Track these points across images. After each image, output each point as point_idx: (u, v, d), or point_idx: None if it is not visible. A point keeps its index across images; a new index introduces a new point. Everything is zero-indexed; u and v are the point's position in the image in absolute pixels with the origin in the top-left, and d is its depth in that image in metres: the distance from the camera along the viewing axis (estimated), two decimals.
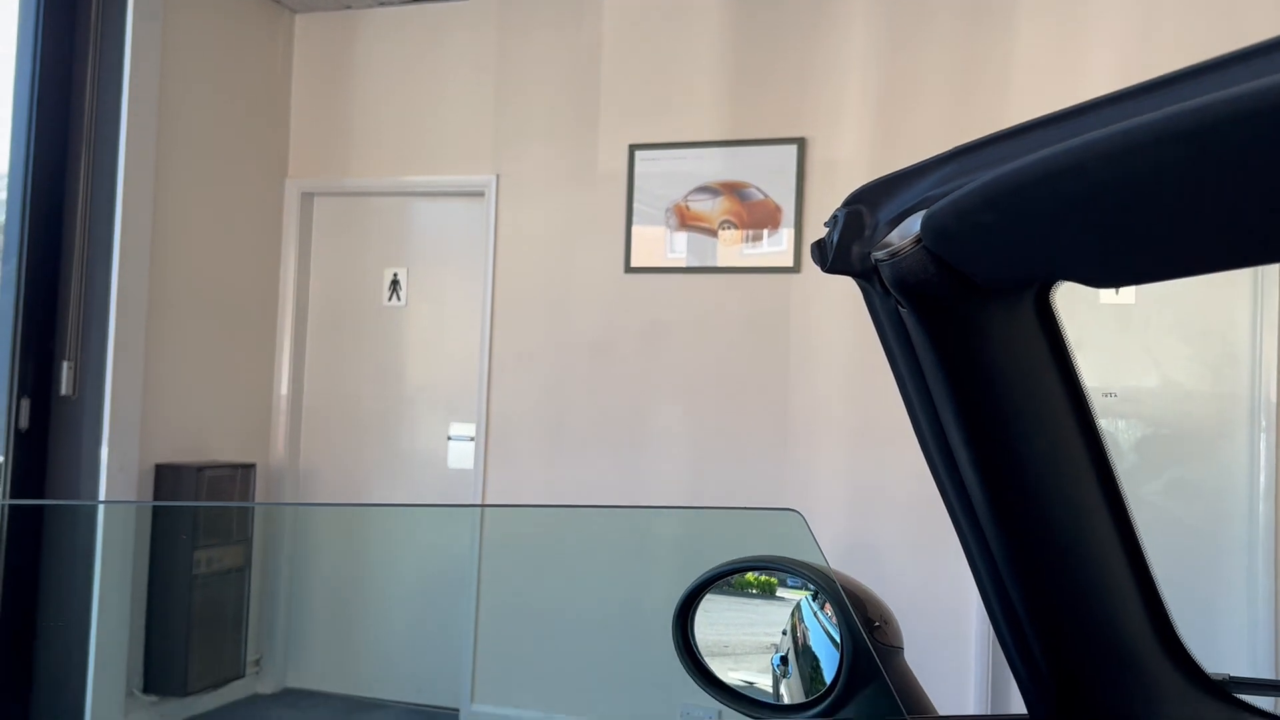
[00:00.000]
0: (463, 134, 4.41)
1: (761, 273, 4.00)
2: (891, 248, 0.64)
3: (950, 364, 0.69)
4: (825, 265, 0.68)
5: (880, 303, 0.70)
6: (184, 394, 4.06)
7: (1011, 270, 0.63)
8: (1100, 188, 0.49)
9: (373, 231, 4.65)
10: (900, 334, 0.70)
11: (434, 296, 4.57)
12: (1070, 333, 0.74)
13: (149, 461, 3.86)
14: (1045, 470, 0.75)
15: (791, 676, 1.17)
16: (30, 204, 3.60)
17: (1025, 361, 0.70)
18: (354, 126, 4.56)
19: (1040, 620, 0.81)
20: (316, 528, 4.60)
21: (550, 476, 4.19)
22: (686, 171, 4.08)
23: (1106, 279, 0.59)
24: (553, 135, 4.28)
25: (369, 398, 4.60)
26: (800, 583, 1.19)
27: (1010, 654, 0.86)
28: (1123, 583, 0.82)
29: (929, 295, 0.64)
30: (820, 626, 1.14)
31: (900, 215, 0.64)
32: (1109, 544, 0.80)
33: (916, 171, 0.65)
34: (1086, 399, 0.75)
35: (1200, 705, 0.86)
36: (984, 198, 0.56)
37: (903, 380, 0.74)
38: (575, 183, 4.24)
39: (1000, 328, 0.67)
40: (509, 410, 4.28)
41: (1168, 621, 0.85)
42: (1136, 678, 0.84)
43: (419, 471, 4.52)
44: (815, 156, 3.96)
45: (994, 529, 0.77)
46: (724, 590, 1.18)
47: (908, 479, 3.72)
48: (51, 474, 3.66)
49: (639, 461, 4.10)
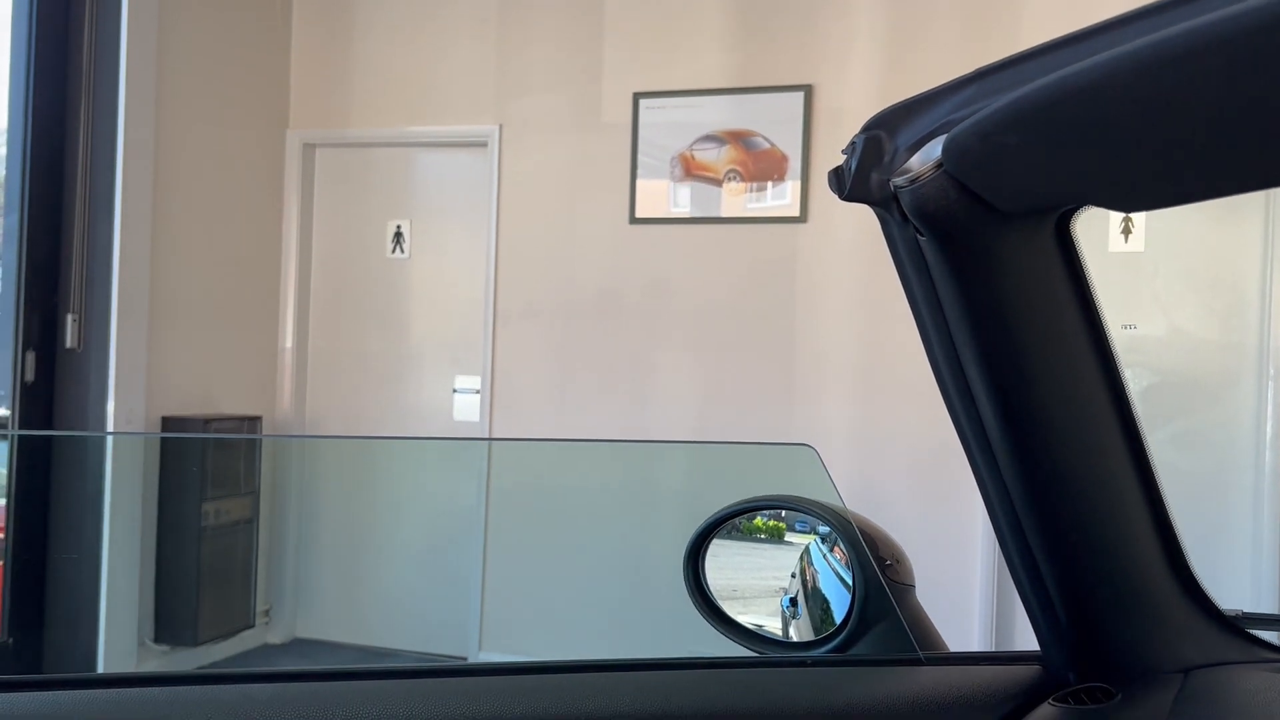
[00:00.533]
0: (465, 83, 4.36)
1: (767, 223, 3.97)
2: (912, 173, 0.62)
3: (969, 294, 0.67)
4: (843, 193, 0.67)
5: (899, 232, 0.68)
6: (189, 347, 4.06)
7: (1035, 194, 0.62)
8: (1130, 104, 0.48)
9: (375, 183, 4.62)
10: (919, 264, 0.69)
11: (438, 248, 4.55)
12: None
13: (155, 414, 3.87)
14: (1064, 404, 0.74)
15: (801, 617, 1.18)
16: (31, 158, 3.57)
17: (1046, 291, 0.69)
18: (355, 76, 4.51)
19: (1056, 558, 0.81)
20: (324, 480, 4.62)
21: (555, 429, 4.20)
22: (691, 120, 4.04)
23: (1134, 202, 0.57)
24: (556, 83, 4.23)
25: (374, 351, 4.59)
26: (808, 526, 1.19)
27: (1024, 592, 0.86)
28: (1139, 519, 0.82)
29: (949, 223, 0.63)
30: (830, 568, 1.14)
31: (921, 140, 0.63)
32: (1126, 480, 0.79)
33: (937, 95, 0.63)
34: (1106, 331, 0.74)
35: (1215, 641, 0.86)
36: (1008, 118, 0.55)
37: (920, 313, 0.73)
38: (579, 132, 4.20)
39: (1021, 256, 0.66)
40: (514, 362, 4.27)
41: (1183, 558, 0.85)
42: (1152, 614, 0.84)
43: (424, 424, 4.53)
44: (822, 104, 3.91)
45: (1011, 464, 0.76)
46: (732, 535, 1.18)
47: (913, 426, 3.72)
48: (58, 427, 3.67)
49: (645, 413, 4.10)
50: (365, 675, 0.88)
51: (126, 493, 3.73)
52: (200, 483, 3.89)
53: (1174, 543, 0.84)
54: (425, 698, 0.83)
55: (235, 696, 0.81)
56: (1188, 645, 0.85)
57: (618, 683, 0.87)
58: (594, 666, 0.90)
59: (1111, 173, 0.55)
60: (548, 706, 0.83)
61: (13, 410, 3.53)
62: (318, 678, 0.86)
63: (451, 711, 0.81)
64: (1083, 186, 0.59)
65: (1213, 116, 0.46)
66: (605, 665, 0.90)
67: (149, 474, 3.87)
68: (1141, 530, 0.82)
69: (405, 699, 0.82)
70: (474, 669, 0.90)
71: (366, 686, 0.85)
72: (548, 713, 0.83)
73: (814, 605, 1.17)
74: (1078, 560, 0.81)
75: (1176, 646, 0.85)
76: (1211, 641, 0.86)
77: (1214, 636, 0.86)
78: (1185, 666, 0.84)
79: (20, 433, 3.56)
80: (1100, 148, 0.52)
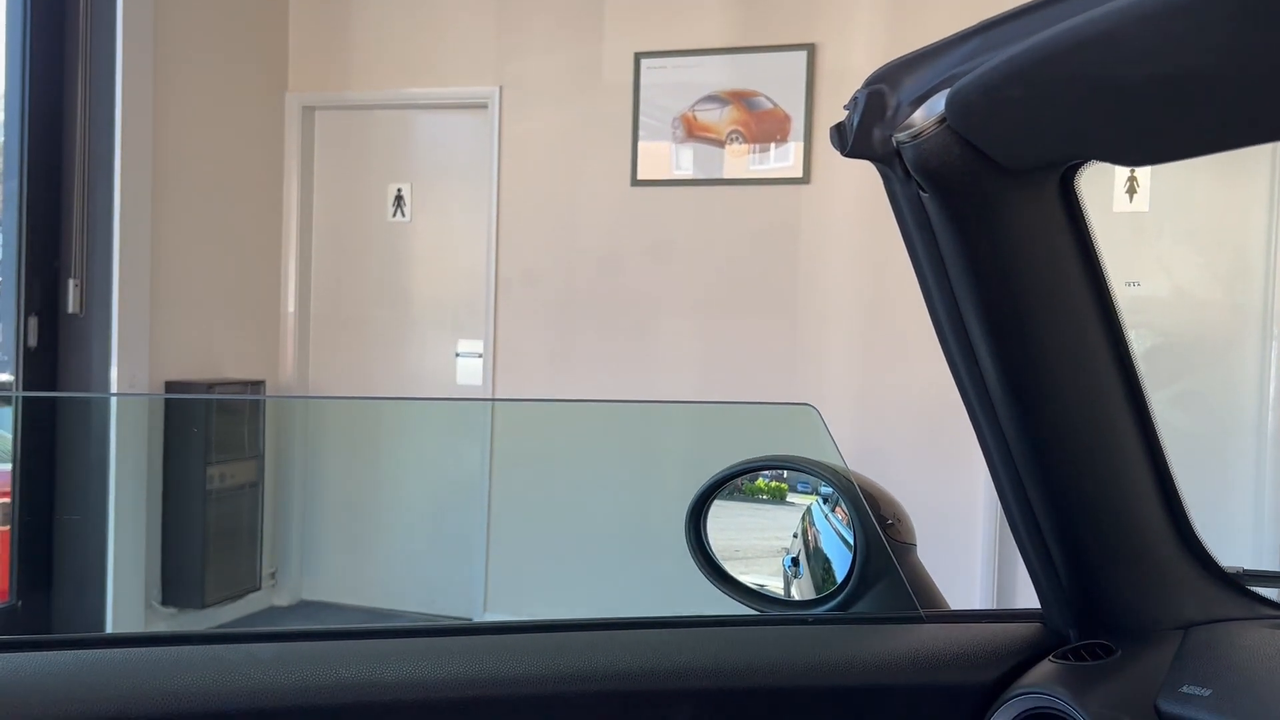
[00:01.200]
0: (465, 44, 4.32)
1: (770, 184, 3.95)
2: (914, 128, 0.61)
3: (972, 250, 0.67)
4: (845, 149, 0.66)
5: (901, 188, 0.68)
6: (191, 311, 4.06)
7: (1039, 149, 0.61)
8: (1136, 55, 0.47)
9: (376, 146, 4.59)
10: (921, 221, 0.68)
11: (438, 212, 4.53)
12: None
13: (158, 378, 3.88)
14: (1066, 360, 0.74)
15: (803, 577, 1.18)
16: (29, 121, 3.55)
17: (1049, 247, 0.68)
18: (354, 38, 4.47)
19: (1058, 515, 0.81)
20: (329, 443, 4.64)
21: (558, 392, 4.20)
22: (693, 81, 4.00)
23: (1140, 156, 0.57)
24: (556, 44, 4.19)
25: (376, 315, 4.59)
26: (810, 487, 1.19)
27: (1025, 549, 0.86)
28: (1140, 476, 0.82)
29: (952, 178, 0.62)
30: (831, 528, 1.14)
31: (924, 95, 0.62)
32: (1128, 437, 0.79)
33: (940, 49, 0.63)
34: (1109, 288, 0.73)
35: (1214, 597, 0.86)
36: (1012, 72, 0.54)
37: (922, 270, 0.73)
38: (580, 93, 4.17)
39: (1024, 212, 0.66)
40: (516, 327, 4.27)
41: (1184, 514, 0.85)
42: (1153, 571, 0.84)
43: (427, 388, 4.54)
44: (825, 63, 3.87)
45: (1012, 421, 0.76)
46: (734, 496, 1.18)
47: (915, 387, 3.72)
48: (61, 391, 3.68)
49: (647, 376, 4.10)
50: (369, 635, 0.88)
51: (131, 456, 3.75)
52: (204, 446, 3.90)
53: (1176, 500, 0.84)
54: (429, 656, 0.83)
55: (240, 656, 0.82)
56: (1188, 602, 0.86)
57: (620, 640, 0.88)
58: (596, 625, 0.91)
59: (1117, 126, 0.54)
60: (550, 664, 0.84)
61: (16, 375, 3.53)
62: (321, 637, 0.86)
63: (455, 670, 0.82)
64: (1088, 141, 0.58)
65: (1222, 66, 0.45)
66: (607, 624, 0.91)
67: (153, 438, 3.89)
68: (1143, 487, 0.82)
69: (409, 657, 0.83)
70: (477, 628, 0.90)
71: (370, 645, 0.85)
72: (551, 670, 0.83)
73: (815, 564, 1.17)
74: (1079, 517, 0.81)
75: (1177, 603, 0.85)
76: (1212, 598, 0.86)
77: (1214, 593, 0.86)
78: (1185, 623, 0.85)
79: (24, 394, 3.57)
80: (1106, 101, 0.52)
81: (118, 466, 3.65)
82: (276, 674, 0.79)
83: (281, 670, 0.80)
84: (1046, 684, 0.80)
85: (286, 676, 0.79)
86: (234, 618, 4.20)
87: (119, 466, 3.66)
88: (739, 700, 0.84)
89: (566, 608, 4.15)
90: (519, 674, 0.82)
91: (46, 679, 0.77)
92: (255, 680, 0.78)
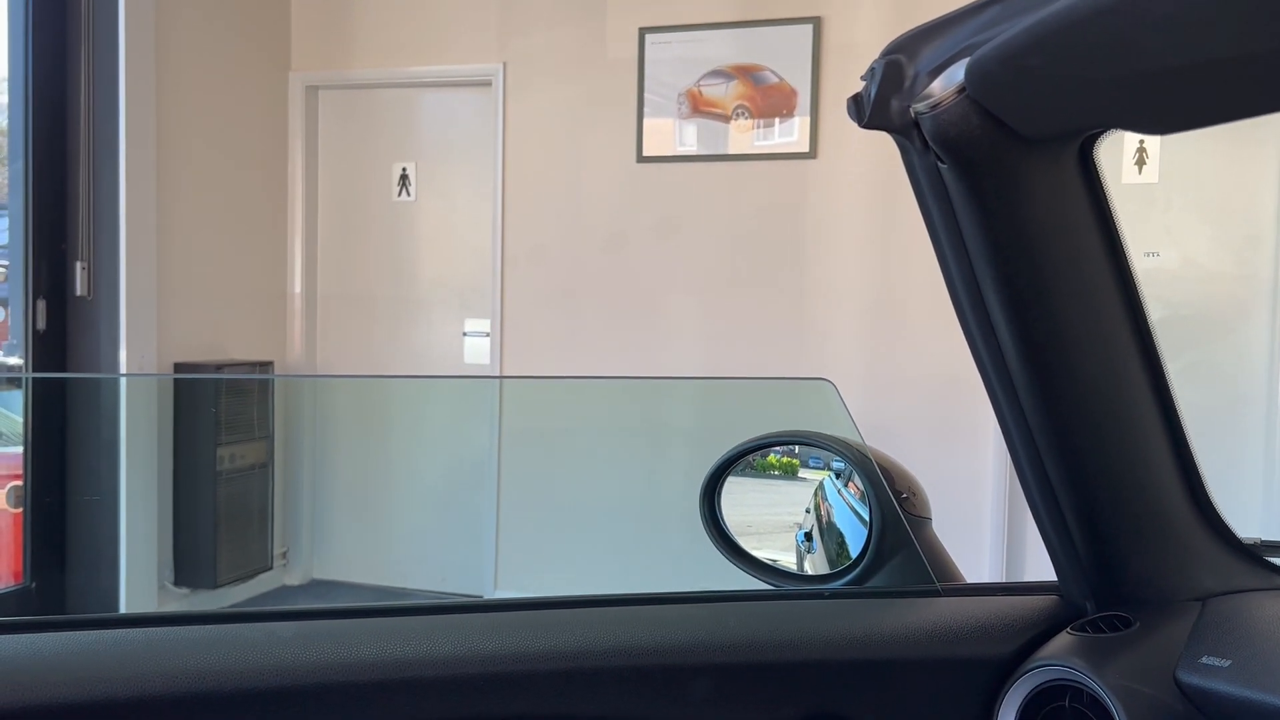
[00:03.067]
0: (468, 21, 4.29)
1: (777, 159, 3.93)
2: (933, 99, 0.61)
3: (991, 222, 0.66)
4: (862, 120, 0.65)
5: (919, 160, 0.67)
6: (199, 293, 4.06)
7: (1059, 119, 0.60)
8: (1157, 21, 0.47)
9: (380, 125, 4.57)
10: (939, 193, 0.68)
11: (444, 191, 4.52)
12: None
13: (167, 360, 3.88)
14: (1084, 333, 0.73)
15: (816, 552, 1.18)
16: (33, 105, 3.54)
17: (1068, 219, 0.67)
18: (356, 17, 4.44)
19: (1075, 488, 0.81)
20: (338, 423, 4.65)
21: (566, 370, 4.20)
22: (699, 56, 3.97)
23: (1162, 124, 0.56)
24: (560, 20, 4.16)
25: (383, 295, 4.59)
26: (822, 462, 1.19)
27: (1042, 523, 0.86)
28: (1159, 449, 0.81)
29: (971, 149, 0.62)
30: (845, 503, 1.14)
31: (942, 65, 0.61)
32: (1146, 409, 0.79)
33: (959, 17, 0.62)
34: (1128, 259, 0.73)
35: (1232, 568, 0.86)
36: (1032, 40, 0.53)
37: (940, 243, 0.72)
38: (584, 70, 4.14)
39: (1044, 183, 0.65)
40: (523, 305, 4.26)
41: (1202, 486, 0.85)
42: (1170, 543, 0.84)
43: (435, 367, 4.54)
44: (832, 37, 3.84)
45: (1030, 393, 0.76)
46: (746, 472, 1.18)
47: (925, 362, 3.71)
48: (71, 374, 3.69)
49: (655, 353, 4.10)
50: (386, 612, 0.89)
51: (142, 437, 3.76)
52: (214, 428, 3.91)
53: (1193, 472, 0.84)
54: (445, 633, 0.83)
55: (260, 634, 0.82)
56: (1205, 574, 0.85)
57: (634, 616, 0.88)
58: (610, 601, 0.91)
59: (1138, 94, 0.54)
60: (566, 640, 0.84)
61: (25, 359, 3.54)
62: (340, 615, 0.87)
63: (471, 646, 0.82)
64: (1109, 109, 0.57)
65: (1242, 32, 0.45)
66: (621, 600, 0.91)
67: (163, 419, 3.90)
68: (1161, 460, 0.82)
69: (426, 635, 0.83)
70: (491, 604, 0.91)
71: (387, 623, 0.86)
72: (566, 646, 0.83)
73: (829, 540, 1.17)
74: (1096, 490, 0.80)
75: (1194, 575, 0.85)
76: (1229, 569, 0.86)
77: (1232, 565, 0.86)
78: (1203, 595, 0.85)
79: (34, 375, 3.58)
80: (1126, 68, 0.51)
81: (128, 448, 3.66)
82: (299, 652, 0.80)
83: (303, 648, 0.80)
84: (1064, 656, 0.80)
85: (308, 654, 0.80)
86: (246, 597, 4.23)
87: (129, 448, 3.67)
88: (757, 674, 0.84)
89: (578, 585, 4.17)
90: (537, 649, 0.82)
91: (69, 659, 0.78)
92: (277, 658, 0.79)
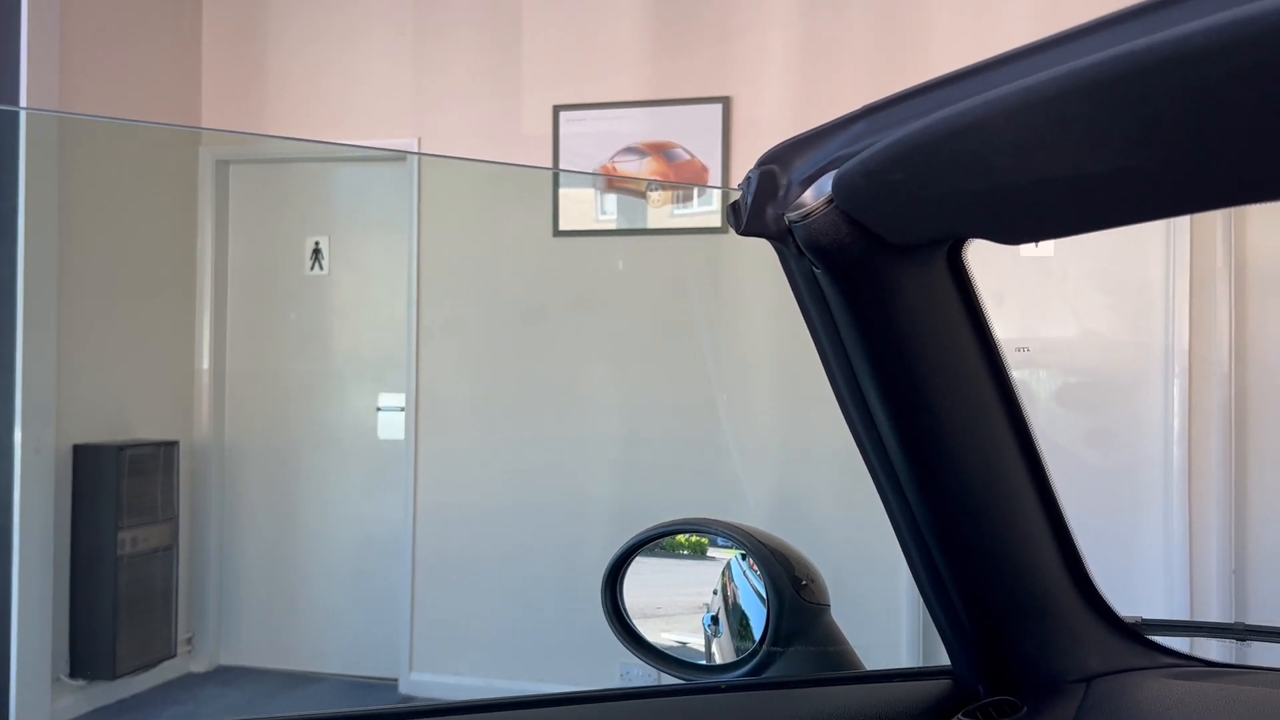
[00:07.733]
0: (382, 97, 4.31)
1: (691, 233, 4.00)
2: (805, 208, 0.63)
3: (865, 324, 0.69)
4: (739, 228, 0.67)
5: (795, 265, 0.69)
6: (101, 371, 3.94)
7: (922, 228, 0.63)
8: (1001, 144, 0.49)
9: (292, 199, 4.54)
10: (816, 296, 0.70)
11: (358, 265, 4.49)
12: (990, 284, 0.75)
13: (66, 442, 3.75)
14: (961, 427, 0.76)
15: (722, 635, 1.18)
16: None
17: (940, 319, 0.70)
18: (269, 91, 4.43)
19: (961, 574, 0.83)
20: (246, 502, 4.52)
21: (482, 445, 4.17)
22: (612, 132, 4.04)
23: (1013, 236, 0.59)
24: (475, 96, 4.21)
25: (294, 370, 4.51)
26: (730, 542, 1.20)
27: (933, 607, 0.87)
28: (1039, 534, 0.84)
29: (843, 256, 0.64)
30: (749, 585, 1.14)
31: (812, 176, 0.64)
32: (1025, 496, 0.81)
33: (828, 130, 0.64)
34: (1000, 355, 0.75)
35: (1115, 649, 0.88)
36: (891, 156, 0.56)
37: (820, 343, 0.74)
38: (500, 145, 4.18)
39: (914, 286, 0.68)
40: (439, 379, 4.23)
41: (1083, 569, 0.87)
42: (1054, 625, 0.86)
43: (348, 443, 4.46)
44: (740, 115, 3.95)
45: (913, 486, 0.78)
46: (654, 552, 1.18)
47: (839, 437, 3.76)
48: None
49: (572, 427, 4.09)
50: None
51: (37, 521, 3.60)
52: (116, 510, 3.78)
53: (1073, 553, 0.86)
54: None
55: None
56: (1090, 654, 0.87)
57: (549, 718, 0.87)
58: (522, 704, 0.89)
59: (989, 208, 0.56)
60: None
61: None
62: None
63: None
64: (966, 220, 0.60)
65: (1082, 156, 0.48)
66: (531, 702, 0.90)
67: (60, 502, 3.75)
68: (1041, 542, 0.84)
69: None
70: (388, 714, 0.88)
71: None
72: None
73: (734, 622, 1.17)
74: (980, 575, 0.82)
75: (1079, 656, 0.87)
76: (1112, 649, 0.88)
77: (1115, 644, 0.89)
78: (1088, 675, 0.86)
79: None
80: (977, 185, 0.54)
81: (22, 533, 3.51)
82: None
83: None
84: None
85: None
86: (148, 687, 4.05)
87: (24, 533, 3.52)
88: None
89: (494, 666, 4.08)
90: None
91: None
92: None
